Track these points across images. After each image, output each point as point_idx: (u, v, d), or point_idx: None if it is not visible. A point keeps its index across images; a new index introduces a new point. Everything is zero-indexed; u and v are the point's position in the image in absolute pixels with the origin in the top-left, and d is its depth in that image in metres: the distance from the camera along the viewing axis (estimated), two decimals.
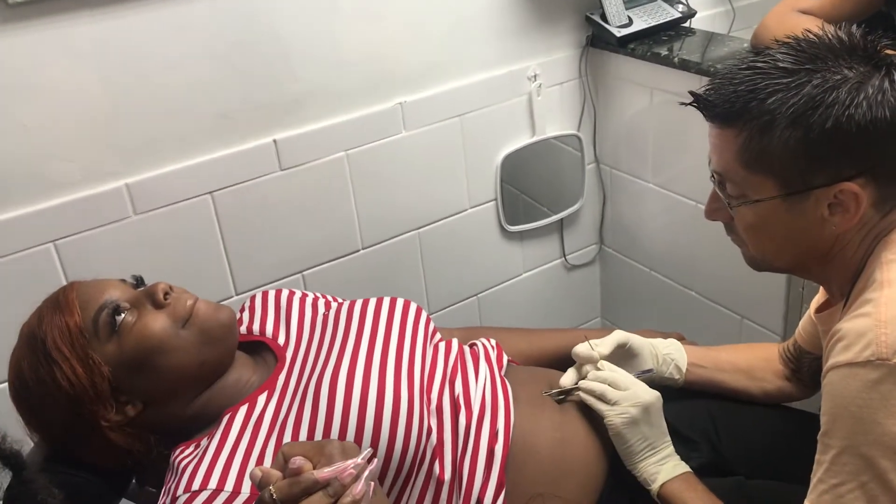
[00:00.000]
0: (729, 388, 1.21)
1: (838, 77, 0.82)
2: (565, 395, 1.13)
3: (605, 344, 1.15)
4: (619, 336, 1.17)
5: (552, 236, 1.93)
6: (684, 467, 1.05)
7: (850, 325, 0.81)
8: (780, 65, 0.84)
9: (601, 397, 1.08)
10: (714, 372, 1.21)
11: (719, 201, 0.94)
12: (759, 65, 0.86)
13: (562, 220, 1.91)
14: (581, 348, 1.14)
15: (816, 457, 0.84)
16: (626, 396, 1.07)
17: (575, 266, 2.00)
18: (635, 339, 1.18)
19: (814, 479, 0.84)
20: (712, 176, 0.94)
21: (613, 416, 1.06)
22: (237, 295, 1.54)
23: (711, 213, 0.97)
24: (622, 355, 1.17)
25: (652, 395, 1.08)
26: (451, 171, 1.71)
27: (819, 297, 1.04)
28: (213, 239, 1.49)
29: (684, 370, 1.20)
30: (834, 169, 0.83)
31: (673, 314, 1.87)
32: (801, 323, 1.15)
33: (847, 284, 0.90)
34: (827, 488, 0.82)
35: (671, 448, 1.07)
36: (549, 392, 1.13)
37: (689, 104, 0.92)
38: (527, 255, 1.91)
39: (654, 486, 1.04)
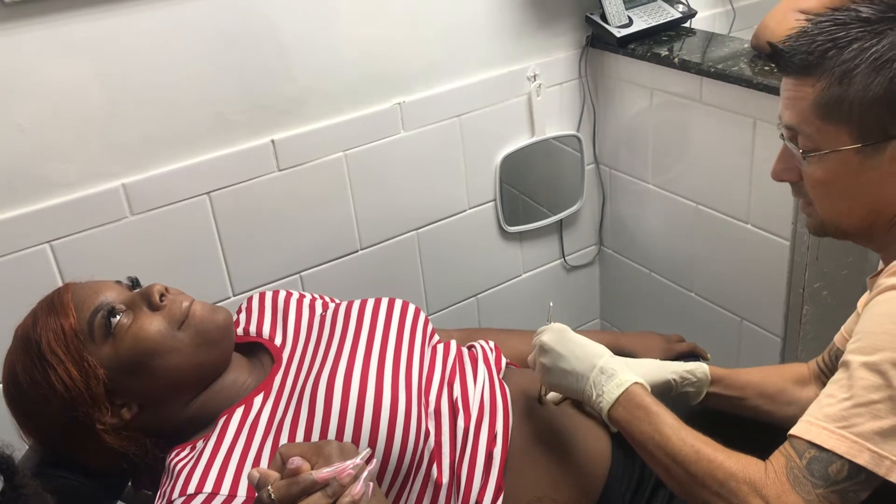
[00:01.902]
0: (751, 411, 1.12)
1: None
2: (563, 398, 1.12)
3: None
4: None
5: (551, 237, 1.92)
6: (623, 384, 0.94)
7: None
8: (863, 15, 0.84)
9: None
10: (737, 400, 1.12)
11: (788, 161, 0.93)
12: (840, 17, 0.85)
13: (561, 220, 1.90)
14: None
15: (830, 381, 0.82)
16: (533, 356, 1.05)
17: (574, 267, 1.99)
18: (647, 379, 1.02)
19: (818, 398, 0.82)
20: (781, 135, 0.92)
21: (543, 336, 1.03)
22: (234, 296, 1.53)
23: (779, 174, 0.95)
24: None
25: (549, 331, 1.03)
26: (451, 171, 1.70)
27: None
28: (211, 240, 1.48)
29: (696, 401, 1.11)
30: None
31: (672, 316, 1.86)
32: (844, 326, 1.09)
33: None
34: (833, 402, 0.79)
35: (601, 363, 0.98)
36: (543, 391, 1.12)
37: (767, 56, 0.91)
38: (526, 256, 1.90)
39: (604, 413, 0.95)
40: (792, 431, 0.82)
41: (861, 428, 0.77)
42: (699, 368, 1.10)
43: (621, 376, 0.96)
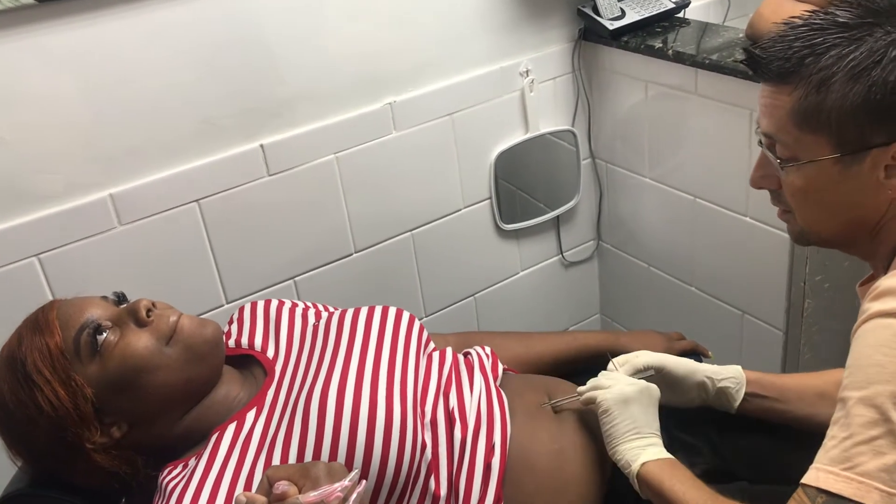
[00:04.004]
0: (791, 416, 1.11)
1: None
2: (562, 402, 1.10)
3: (624, 368, 1.08)
4: (645, 359, 1.09)
5: (549, 233, 1.90)
6: (669, 455, 0.98)
7: (889, 281, 0.78)
8: (840, 20, 0.82)
9: (596, 386, 1.05)
10: (776, 402, 1.11)
11: (767, 168, 0.91)
12: (817, 21, 0.83)
13: (558, 216, 1.88)
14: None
15: (832, 420, 0.80)
16: (622, 379, 1.03)
17: (573, 263, 1.97)
18: (671, 365, 1.09)
19: (823, 442, 0.80)
20: (760, 142, 0.90)
21: (606, 394, 1.02)
22: (228, 304, 1.51)
23: (758, 181, 0.93)
24: (656, 381, 1.07)
25: (651, 385, 1.03)
26: (444, 170, 1.68)
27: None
28: (202, 248, 1.46)
29: (737, 403, 1.11)
30: (895, 126, 0.80)
31: (673, 310, 1.84)
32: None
33: (891, 254, 0.86)
34: (835, 444, 0.78)
35: (658, 439, 1.00)
36: (548, 403, 1.10)
37: (742, 62, 0.89)
38: (524, 254, 1.88)
39: (635, 466, 0.96)
40: (803, 479, 0.80)
41: (865, 467, 0.75)
42: (730, 368, 1.11)
43: (662, 449, 0.98)
